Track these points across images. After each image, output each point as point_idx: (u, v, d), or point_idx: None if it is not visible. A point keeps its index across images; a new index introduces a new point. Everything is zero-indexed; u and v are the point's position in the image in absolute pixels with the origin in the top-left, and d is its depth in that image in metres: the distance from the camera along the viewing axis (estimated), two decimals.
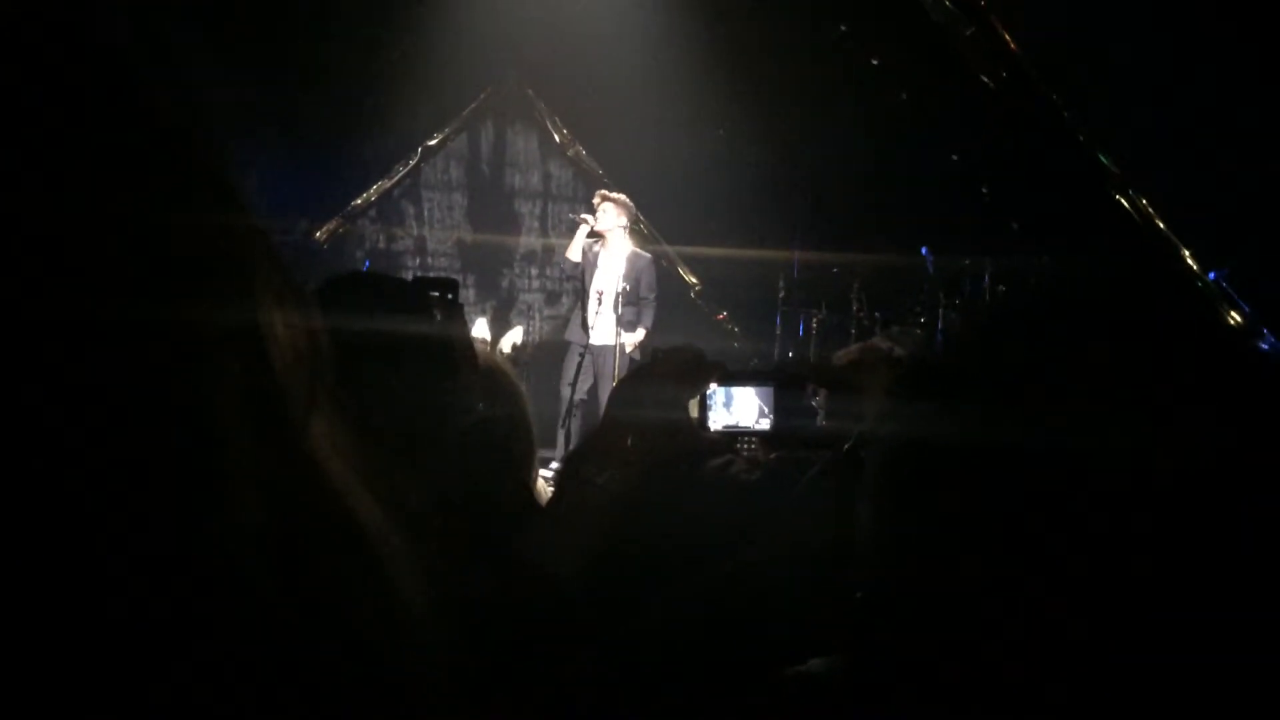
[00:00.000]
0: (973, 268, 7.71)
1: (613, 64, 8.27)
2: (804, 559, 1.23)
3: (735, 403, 1.24)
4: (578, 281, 7.07)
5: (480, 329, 8.63)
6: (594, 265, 6.74)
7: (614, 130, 8.96)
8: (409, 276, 9.73)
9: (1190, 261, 6.69)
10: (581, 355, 6.77)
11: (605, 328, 6.71)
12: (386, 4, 8.04)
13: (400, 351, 1.20)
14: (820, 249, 8.40)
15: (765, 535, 1.33)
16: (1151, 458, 0.66)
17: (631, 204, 6.89)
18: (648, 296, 6.72)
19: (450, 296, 1.32)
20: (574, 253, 6.78)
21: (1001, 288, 7.63)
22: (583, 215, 6.89)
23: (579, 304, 6.98)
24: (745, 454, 1.42)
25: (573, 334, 6.94)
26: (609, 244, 6.75)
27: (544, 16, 8.28)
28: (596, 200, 6.87)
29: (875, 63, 7.97)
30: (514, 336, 8.28)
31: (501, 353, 8.28)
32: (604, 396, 6.70)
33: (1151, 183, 7.04)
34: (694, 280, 9.67)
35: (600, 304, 6.70)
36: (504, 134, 9.95)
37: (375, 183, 9.69)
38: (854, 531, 1.09)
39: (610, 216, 6.72)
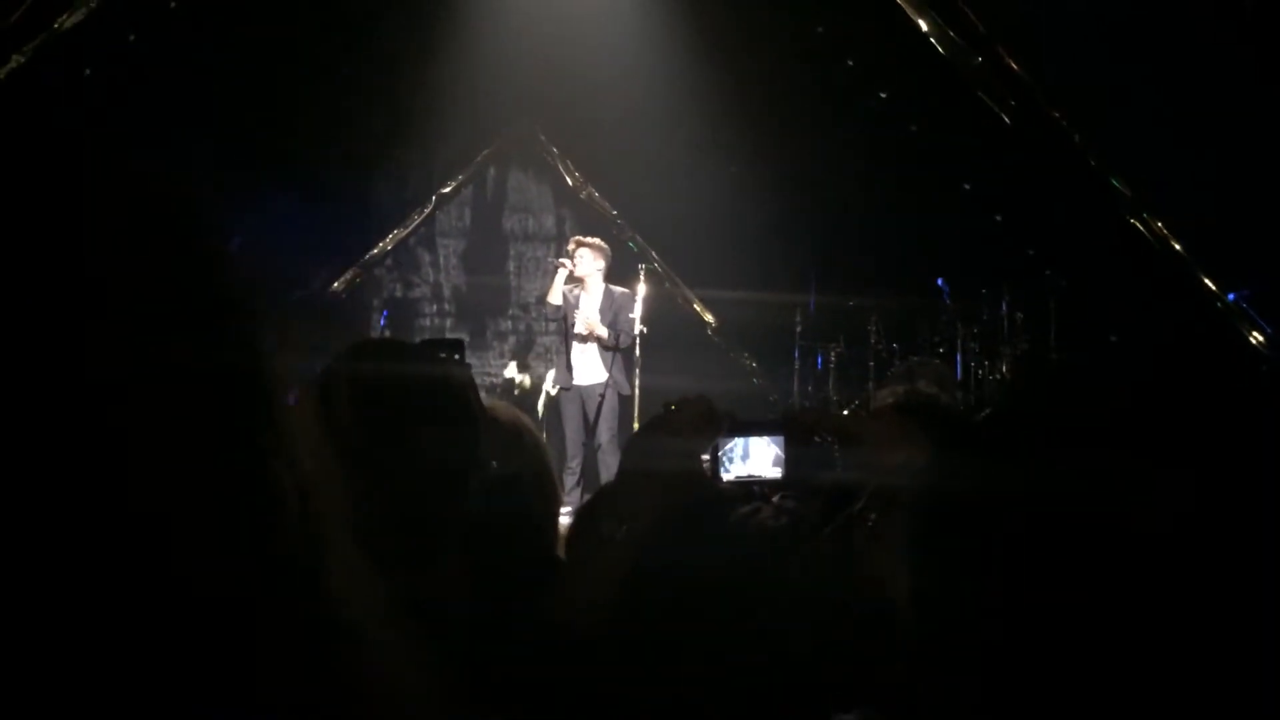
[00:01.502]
0: (989, 296, 7.69)
1: (623, 107, 8.34)
2: (827, 611, 1.22)
3: (748, 453, 1.24)
4: (560, 324, 7.19)
5: (512, 371, 8.65)
6: (575, 308, 6.88)
7: (626, 172, 9.02)
8: (426, 323, 9.83)
9: (1209, 283, 6.65)
10: (579, 398, 6.88)
11: (591, 368, 6.84)
12: (398, 54, 8.14)
13: (413, 414, 1.21)
14: (836, 283, 8.40)
15: (789, 586, 1.32)
16: (1199, 517, 0.65)
17: (607, 247, 7.04)
18: (627, 330, 6.81)
19: (458, 356, 1.33)
20: (555, 297, 6.93)
21: (1020, 315, 7.61)
22: (560, 260, 6.99)
23: (563, 348, 7.10)
24: (774, 501, 1.41)
25: (558, 378, 7.06)
26: (587, 287, 6.89)
27: (554, 61, 8.36)
28: (572, 246, 7.03)
29: (884, 95, 8.01)
30: (545, 380, 8.32)
31: (525, 388, 8.31)
32: (602, 435, 6.74)
33: (1166, 204, 7.02)
34: (710, 318, 9.68)
35: (582, 347, 6.84)
36: (517, 179, 10.03)
37: (391, 232, 9.77)
38: (874, 584, 1.08)
39: (587, 261, 6.90)
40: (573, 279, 6.92)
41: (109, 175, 0.49)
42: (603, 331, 6.80)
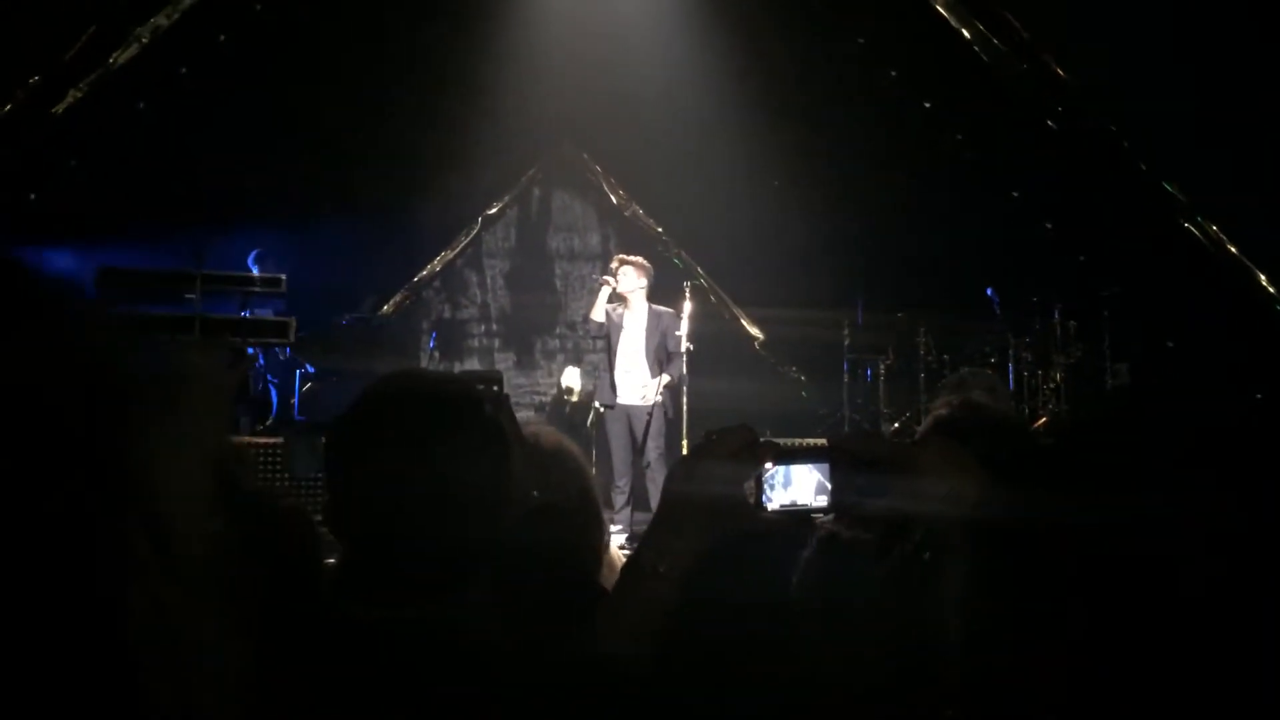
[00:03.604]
0: (1041, 305, 7.58)
1: (665, 124, 8.37)
2: (876, 644, 1.20)
3: (792, 481, 1.21)
4: (604, 342, 7.16)
5: (571, 377, 8.66)
6: (619, 327, 6.86)
7: (669, 189, 9.04)
8: (475, 343, 9.91)
9: (1267, 286, 6.50)
10: (625, 417, 6.84)
11: (636, 387, 6.80)
12: (442, 80, 8.25)
13: (441, 438, 1.21)
14: (884, 294, 8.33)
15: (841, 618, 1.30)
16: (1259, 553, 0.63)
17: (649, 265, 6.99)
18: (676, 350, 6.77)
19: (496, 388, 1.33)
20: (598, 314, 6.90)
21: (1072, 323, 7.50)
22: (604, 278, 6.98)
23: (607, 366, 7.06)
24: (822, 529, 1.38)
25: (603, 396, 7.02)
26: (631, 305, 6.87)
27: (596, 82, 8.41)
28: (615, 264, 7.01)
29: (928, 105, 7.95)
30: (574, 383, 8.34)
31: (571, 399, 8.32)
32: (650, 454, 6.71)
33: (1221, 207, 6.87)
34: (757, 332, 9.64)
35: (628, 365, 6.81)
36: (561, 199, 10.10)
37: (439, 254, 9.88)
38: (927, 624, 1.06)
39: (630, 279, 6.86)
40: (616, 297, 6.92)
41: None
42: (657, 398, 6.74)
